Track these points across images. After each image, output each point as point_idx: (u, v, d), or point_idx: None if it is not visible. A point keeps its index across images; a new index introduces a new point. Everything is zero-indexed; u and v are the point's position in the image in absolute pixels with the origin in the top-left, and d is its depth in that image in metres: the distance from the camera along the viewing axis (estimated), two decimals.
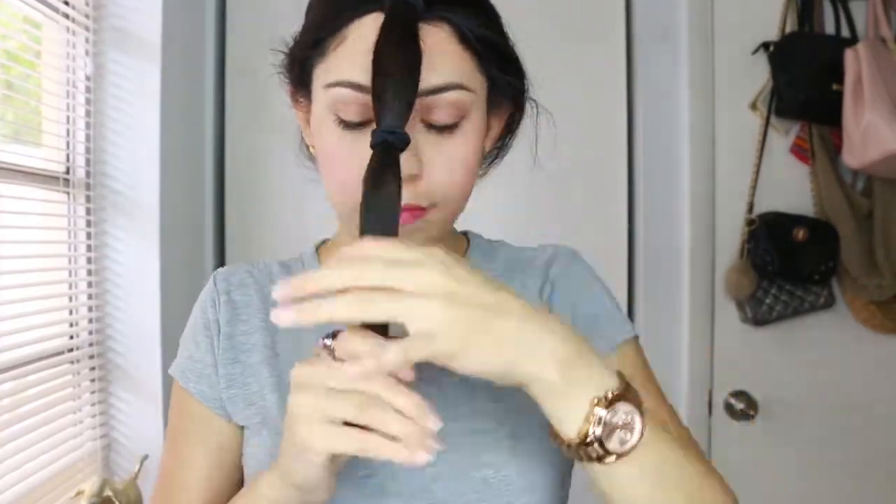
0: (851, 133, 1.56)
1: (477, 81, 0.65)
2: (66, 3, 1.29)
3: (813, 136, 1.66)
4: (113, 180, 1.40)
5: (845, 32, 1.67)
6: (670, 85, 1.69)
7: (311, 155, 0.76)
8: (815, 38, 1.66)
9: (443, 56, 0.62)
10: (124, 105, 1.39)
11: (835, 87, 1.60)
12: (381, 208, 0.55)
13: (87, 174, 1.38)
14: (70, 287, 1.35)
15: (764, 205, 1.67)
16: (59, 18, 1.29)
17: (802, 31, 1.66)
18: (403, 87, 0.57)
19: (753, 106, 1.69)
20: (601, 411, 0.51)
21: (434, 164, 0.63)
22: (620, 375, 0.55)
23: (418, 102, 0.60)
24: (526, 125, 0.77)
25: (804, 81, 1.61)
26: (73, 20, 1.32)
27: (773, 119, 1.67)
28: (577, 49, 1.66)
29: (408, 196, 0.62)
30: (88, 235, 1.38)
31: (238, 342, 0.74)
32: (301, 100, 0.72)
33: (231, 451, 0.73)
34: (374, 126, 0.58)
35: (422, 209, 0.64)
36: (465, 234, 0.83)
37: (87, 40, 1.36)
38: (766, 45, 1.65)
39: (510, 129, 0.76)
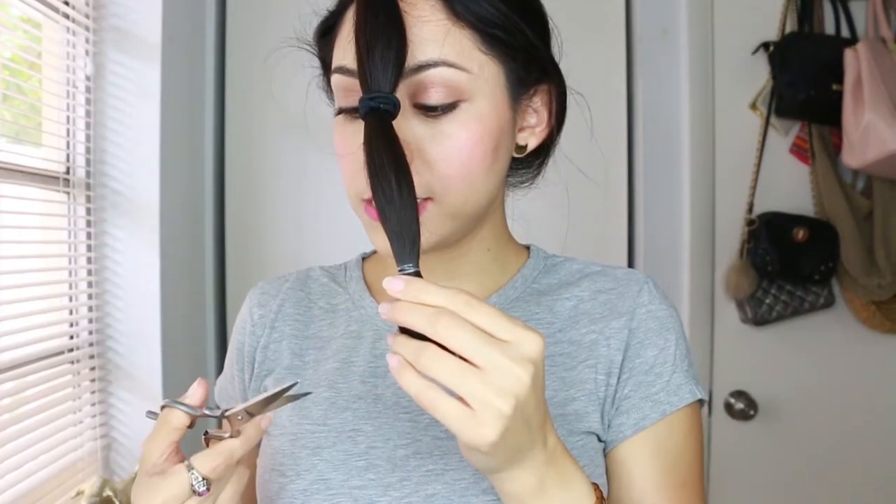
0: (851, 133, 1.55)
1: (476, 61, 0.59)
2: (66, 4, 1.29)
3: (813, 136, 1.66)
4: (113, 180, 1.40)
5: (845, 32, 1.67)
6: (670, 85, 1.69)
7: None
8: (814, 38, 1.66)
9: (427, 31, 0.57)
10: (124, 105, 1.39)
11: (835, 87, 1.60)
12: (385, 183, 0.50)
13: (87, 174, 1.38)
14: (70, 287, 1.35)
15: (764, 205, 1.67)
16: (59, 18, 1.29)
17: (802, 31, 1.66)
18: (383, 54, 0.53)
19: (753, 106, 1.69)
20: None
21: (426, 150, 0.58)
22: (597, 495, 0.54)
23: (405, 84, 0.57)
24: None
25: (804, 81, 1.61)
26: (73, 20, 1.32)
27: (773, 119, 1.67)
28: (577, 49, 1.66)
29: None
30: (88, 235, 1.38)
31: (270, 351, 0.74)
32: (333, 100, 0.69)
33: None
34: None
35: None
36: (527, 247, 0.77)
37: (87, 40, 1.36)
38: (766, 45, 1.65)
39: (559, 120, 0.69)
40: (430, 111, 0.58)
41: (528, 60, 0.63)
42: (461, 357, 0.46)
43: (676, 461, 0.65)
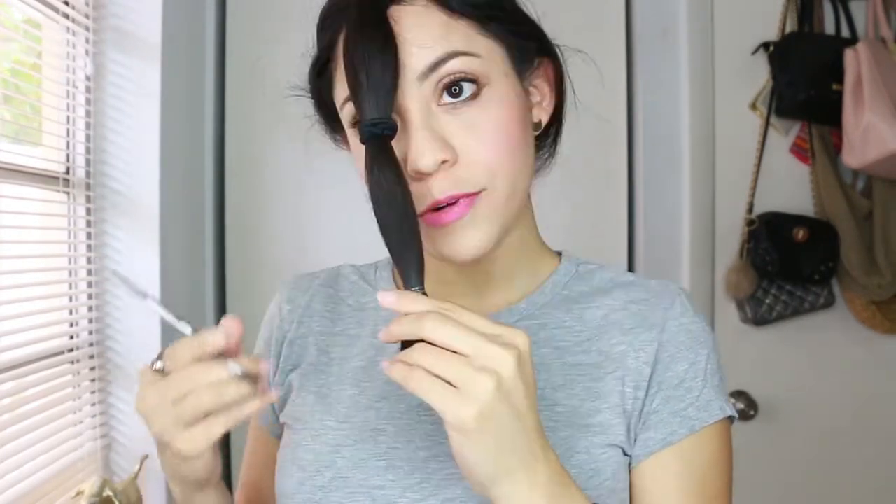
0: (851, 133, 1.56)
1: (482, 45, 0.60)
2: (66, 4, 1.29)
3: (813, 136, 1.66)
4: (113, 180, 1.40)
5: (845, 32, 1.67)
6: (670, 85, 1.69)
7: None
8: (815, 38, 1.66)
9: (426, 31, 0.58)
10: (124, 105, 1.39)
11: (835, 87, 1.60)
12: (384, 201, 0.54)
13: (87, 174, 1.38)
14: (70, 287, 1.34)
15: (764, 205, 1.67)
16: (59, 19, 1.29)
17: (802, 31, 1.66)
18: (375, 75, 0.55)
19: (753, 106, 1.69)
20: None
21: (466, 142, 0.59)
22: None
23: (425, 86, 0.58)
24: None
25: (804, 81, 1.61)
26: (73, 20, 1.32)
27: (773, 119, 1.67)
28: (577, 49, 1.66)
29: (448, 185, 0.58)
30: (88, 235, 1.38)
31: (296, 346, 0.75)
32: (340, 137, 0.70)
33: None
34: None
35: (472, 194, 0.59)
36: (559, 253, 0.75)
37: (87, 40, 1.36)
38: (766, 45, 1.65)
39: (561, 91, 0.70)
40: (456, 105, 0.59)
41: (525, 36, 0.65)
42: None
43: (704, 478, 0.64)
